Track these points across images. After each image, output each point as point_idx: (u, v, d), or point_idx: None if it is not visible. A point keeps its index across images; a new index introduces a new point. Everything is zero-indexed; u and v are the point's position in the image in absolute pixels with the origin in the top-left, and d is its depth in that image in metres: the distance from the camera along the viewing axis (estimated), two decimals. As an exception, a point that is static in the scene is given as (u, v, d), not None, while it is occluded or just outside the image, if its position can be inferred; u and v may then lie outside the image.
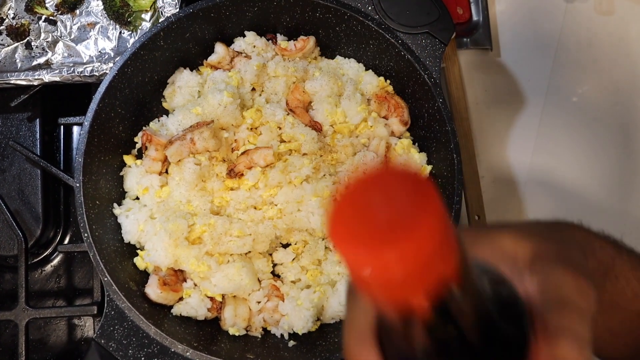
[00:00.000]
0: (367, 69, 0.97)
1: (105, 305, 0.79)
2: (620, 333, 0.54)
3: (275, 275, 0.92)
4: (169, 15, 0.94)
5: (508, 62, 1.15)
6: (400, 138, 0.96)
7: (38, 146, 1.03)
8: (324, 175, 0.90)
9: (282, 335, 0.87)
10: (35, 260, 1.04)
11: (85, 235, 0.80)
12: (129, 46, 0.89)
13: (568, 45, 1.17)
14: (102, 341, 0.77)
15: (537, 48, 1.17)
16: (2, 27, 0.99)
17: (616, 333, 0.54)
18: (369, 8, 0.90)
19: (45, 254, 1.04)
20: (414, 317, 0.27)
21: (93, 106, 0.84)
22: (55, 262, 1.05)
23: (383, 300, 0.27)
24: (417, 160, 0.93)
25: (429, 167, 0.93)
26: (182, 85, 0.94)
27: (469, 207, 1.00)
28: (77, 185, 0.81)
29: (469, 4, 1.13)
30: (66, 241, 1.05)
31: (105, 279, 0.79)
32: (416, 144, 0.96)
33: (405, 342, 0.30)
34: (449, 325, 0.28)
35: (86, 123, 0.83)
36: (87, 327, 1.03)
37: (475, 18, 1.14)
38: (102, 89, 0.84)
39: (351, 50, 0.97)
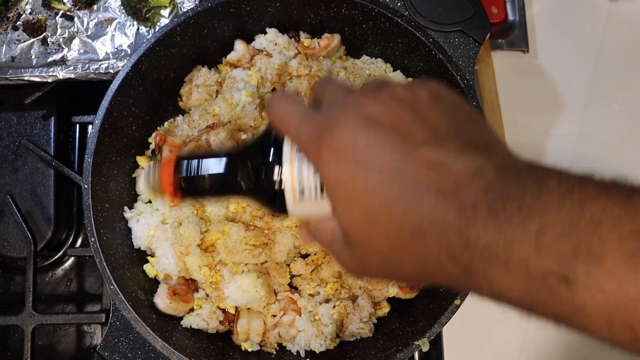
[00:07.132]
0: (395, 69, 0.92)
1: (111, 315, 0.75)
2: None
3: (293, 287, 0.86)
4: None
5: (546, 66, 1.09)
6: (429, 143, 0.90)
7: (52, 145, 0.99)
8: (347, 181, 0.85)
9: (298, 352, 0.81)
10: (45, 263, 1.00)
11: (92, 239, 0.76)
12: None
13: (611, 48, 1.10)
14: (106, 353, 0.72)
15: (577, 51, 1.10)
16: (18, 23, 0.97)
17: None
18: (398, 4, 0.85)
19: (56, 257, 1.01)
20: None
21: (105, 104, 0.80)
22: (66, 265, 1.01)
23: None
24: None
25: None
26: (200, 84, 0.90)
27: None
28: (86, 186, 0.77)
29: (505, 3, 1.07)
30: (78, 244, 1.02)
31: (112, 287, 0.74)
32: (446, 150, 0.90)
33: None
34: None
35: (97, 121, 0.79)
36: (97, 334, 0.99)
37: (511, 18, 1.07)
38: (114, 85, 0.80)
39: (378, 49, 0.92)
